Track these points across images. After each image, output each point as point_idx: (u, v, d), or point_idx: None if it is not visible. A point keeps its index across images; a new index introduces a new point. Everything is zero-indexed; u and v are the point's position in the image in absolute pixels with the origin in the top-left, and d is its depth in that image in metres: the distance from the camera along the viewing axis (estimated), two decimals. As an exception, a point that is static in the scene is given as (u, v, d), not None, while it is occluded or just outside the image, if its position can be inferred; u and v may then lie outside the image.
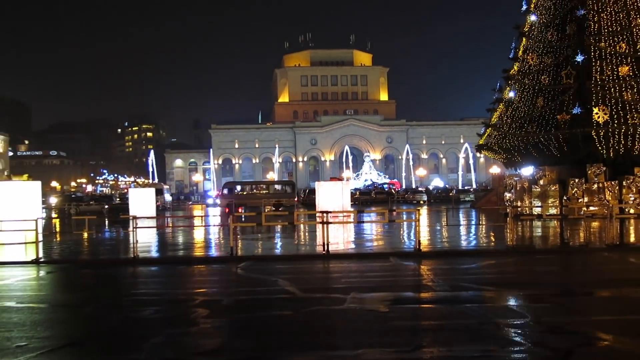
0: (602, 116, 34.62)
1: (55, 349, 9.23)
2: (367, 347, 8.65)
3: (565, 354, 8.43)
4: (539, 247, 22.12)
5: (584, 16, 36.75)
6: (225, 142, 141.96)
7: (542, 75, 38.08)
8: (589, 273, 16.62)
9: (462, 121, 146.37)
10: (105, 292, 14.96)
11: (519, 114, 38.72)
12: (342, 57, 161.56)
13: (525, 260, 18.98)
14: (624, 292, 13.27)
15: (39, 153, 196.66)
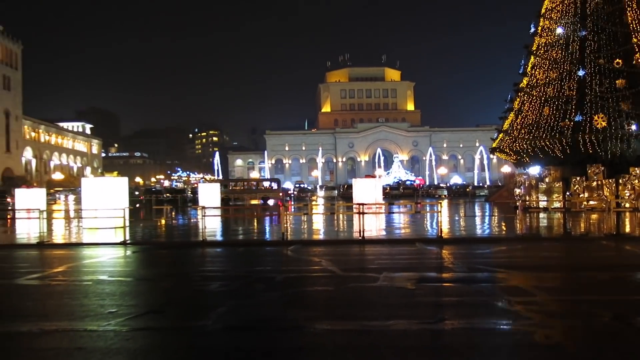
0: (600, 123, 33.83)
1: (139, 315, 9.39)
2: (397, 319, 8.57)
3: (569, 328, 8.22)
4: (545, 236, 21.58)
5: (585, 37, 36.03)
6: (277, 145, 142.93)
7: (547, 87, 37.40)
8: (588, 258, 16.14)
9: (477, 127, 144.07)
10: (179, 269, 15.17)
11: (527, 121, 38.07)
12: (375, 74, 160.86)
13: (533, 246, 18.57)
14: (620, 275, 12.87)
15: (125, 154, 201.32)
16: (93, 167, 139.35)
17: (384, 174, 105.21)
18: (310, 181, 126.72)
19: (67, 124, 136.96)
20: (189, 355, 7.28)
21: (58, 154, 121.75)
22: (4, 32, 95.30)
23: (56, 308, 10.09)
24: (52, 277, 13.40)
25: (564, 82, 36.23)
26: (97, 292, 11.40)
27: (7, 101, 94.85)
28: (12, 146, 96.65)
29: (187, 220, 33.54)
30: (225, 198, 52.56)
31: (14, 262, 16.58)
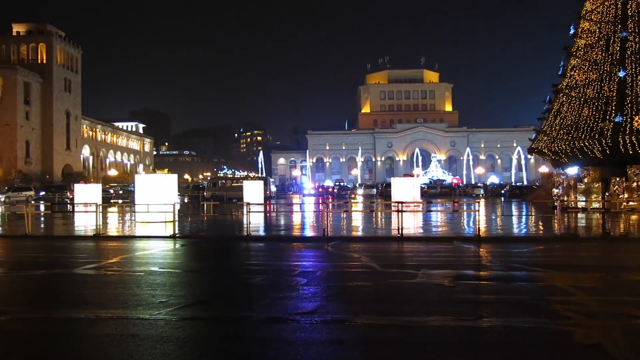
0: (640, 124, 32.57)
1: (187, 305, 9.53)
2: (435, 315, 8.43)
3: (609, 328, 7.90)
4: (583, 236, 20.88)
5: (625, 37, 34.71)
6: (318, 145, 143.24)
7: (587, 89, 36.15)
8: (628, 259, 15.52)
9: (515, 128, 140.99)
10: (225, 262, 15.35)
11: (566, 122, 36.90)
12: (413, 76, 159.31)
13: (571, 246, 17.99)
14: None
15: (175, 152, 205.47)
16: (145, 164, 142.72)
17: (421, 173, 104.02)
18: (349, 180, 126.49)
19: (121, 124, 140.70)
20: (234, 344, 7.34)
21: (113, 151, 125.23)
22: (65, 38, 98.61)
23: (111, 297, 10.35)
24: (107, 267, 13.76)
25: (604, 83, 34.98)
26: (148, 283, 11.63)
27: (68, 102, 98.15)
28: (72, 144, 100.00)
29: (232, 215, 33.92)
30: (212, 195, 52.11)
31: (72, 253, 17.13)
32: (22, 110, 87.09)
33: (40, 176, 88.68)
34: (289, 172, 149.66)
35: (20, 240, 20.47)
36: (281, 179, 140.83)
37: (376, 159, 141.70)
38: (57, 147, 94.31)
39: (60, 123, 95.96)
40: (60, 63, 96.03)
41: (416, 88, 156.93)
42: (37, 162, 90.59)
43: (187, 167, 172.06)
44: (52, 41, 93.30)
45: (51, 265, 14.08)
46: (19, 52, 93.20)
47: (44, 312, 9.05)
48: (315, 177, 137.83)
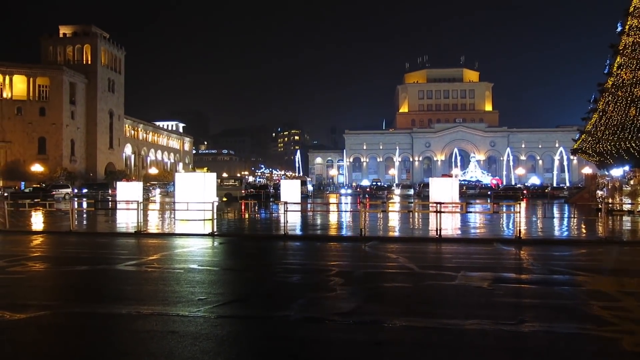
0: (691, 124, 31.25)
1: (226, 302, 9.65)
2: (475, 318, 8.27)
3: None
4: (628, 239, 20.14)
5: (676, 35, 33.34)
6: (355, 144, 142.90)
7: (635, 88, 34.93)
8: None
9: (557, 128, 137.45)
10: (262, 260, 15.43)
11: (612, 122, 35.74)
12: (453, 75, 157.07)
13: (616, 250, 17.36)
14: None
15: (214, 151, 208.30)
16: (185, 163, 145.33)
17: (460, 173, 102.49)
18: (386, 179, 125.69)
19: (162, 123, 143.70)
20: (272, 343, 7.38)
21: (154, 150, 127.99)
22: (109, 39, 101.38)
23: (151, 293, 10.56)
24: (148, 264, 14.05)
25: (653, 81, 33.76)
26: (187, 280, 11.81)
27: (111, 102, 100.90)
28: (114, 143, 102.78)
29: (270, 214, 34.11)
30: None
31: (114, 249, 17.56)
32: (68, 110, 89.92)
33: (85, 174, 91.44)
34: (326, 171, 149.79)
35: (64, 236, 21.11)
36: (318, 178, 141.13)
37: (414, 159, 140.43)
38: (100, 145, 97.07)
39: (104, 122, 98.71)
40: (105, 64, 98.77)
41: (455, 87, 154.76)
42: (81, 161, 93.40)
43: (225, 165, 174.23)
44: (97, 42, 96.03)
45: (94, 262, 14.47)
46: (65, 53, 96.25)
47: (86, 307, 9.32)
48: (352, 176, 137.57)
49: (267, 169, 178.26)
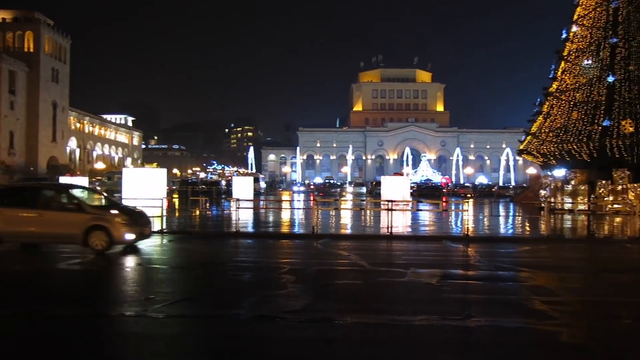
0: (628, 128, 33.00)
1: (175, 302, 9.48)
2: (424, 314, 8.46)
3: (594, 328, 8.01)
4: (569, 237, 21.08)
5: (615, 44, 35.08)
6: (309, 142, 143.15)
7: (577, 92, 36.57)
8: (612, 260, 15.71)
9: (504, 129, 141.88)
10: (213, 258, 15.23)
11: (556, 124, 37.29)
12: (406, 75, 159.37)
13: (557, 247, 18.16)
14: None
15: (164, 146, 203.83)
16: (133, 158, 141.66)
17: (411, 172, 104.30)
18: (339, 177, 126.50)
19: (110, 116, 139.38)
20: (222, 342, 7.32)
21: (101, 144, 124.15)
22: (54, 27, 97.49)
23: (95, 293, 10.28)
24: (93, 262, 13.65)
25: (594, 87, 35.37)
26: (134, 279, 11.57)
27: (55, 93, 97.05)
28: (58, 136, 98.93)
29: (221, 211, 33.78)
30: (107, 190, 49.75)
31: (57, 247, 16.93)
32: (7, 100, 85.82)
33: (24, 168, 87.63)
34: (280, 168, 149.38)
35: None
36: (271, 175, 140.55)
37: (367, 157, 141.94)
38: (42, 138, 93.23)
39: (47, 114, 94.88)
40: (48, 52, 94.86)
41: (408, 87, 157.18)
42: (21, 154, 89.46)
43: (176, 161, 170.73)
44: (40, 29, 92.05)
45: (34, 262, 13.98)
46: (4, 39, 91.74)
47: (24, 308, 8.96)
48: (305, 174, 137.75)
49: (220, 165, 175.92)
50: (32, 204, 15.00)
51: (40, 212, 14.52)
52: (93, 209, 14.99)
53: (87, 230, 14.12)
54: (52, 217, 14.49)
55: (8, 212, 14.60)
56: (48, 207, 14.84)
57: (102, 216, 14.57)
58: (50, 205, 15.06)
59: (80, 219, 14.24)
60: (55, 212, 14.75)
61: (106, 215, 14.65)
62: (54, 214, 14.62)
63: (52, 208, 14.91)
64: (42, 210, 14.56)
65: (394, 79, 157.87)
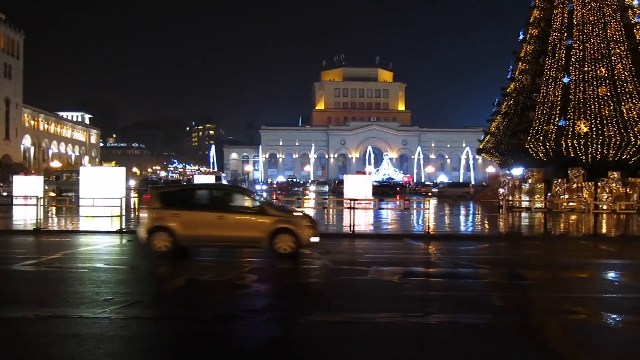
0: (583, 128, 34.00)
1: (134, 302, 9.29)
2: (386, 312, 8.55)
3: (549, 323, 8.23)
4: (527, 234, 21.66)
5: (570, 45, 36.14)
6: (271, 140, 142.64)
7: (534, 93, 37.55)
8: (568, 257, 16.20)
9: (464, 129, 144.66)
10: (174, 257, 14.96)
11: (513, 124, 38.20)
12: (368, 74, 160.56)
13: (515, 244, 18.64)
14: (596, 274, 12.93)
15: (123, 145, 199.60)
16: (91, 156, 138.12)
17: (373, 171, 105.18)
18: (302, 176, 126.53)
19: (66, 114, 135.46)
20: (182, 343, 7.20)
21: (57, 142, 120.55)
22: (6, 21, 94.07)
23: (52, 294, 9.97)
24: (48, 263, 13.25)
25: (550, 88, 36.33)
26: (92, 280, 11.27)
27: (7, 89, 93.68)
28: (11, 134, 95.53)
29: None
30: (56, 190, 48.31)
31: (10, 248, 16.37)
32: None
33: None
34: (242, 167, 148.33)
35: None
36: (233, 174, 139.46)
37: (329, 156, 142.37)
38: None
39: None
40: (0, 47, 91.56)
41: (370, 86, 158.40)
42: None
43: (135, 160, 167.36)
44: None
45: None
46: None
47: (-22, 310, 8.62)
48: (268, 172, 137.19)
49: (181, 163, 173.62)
50: (211, 206, 14.43)
51: (221, 214, 13.87)
52: (277, 212, 14.43)
53: (273, 233, 13.61)
54: (234, 220, 13.93)
55: (187, 215, 13.93)
56: (228, 210, 14.20)
57: (288, 219, 14.04)
58: (230, 208, 14.41)
59: (265, 222, 13.75)
60: (237, 215, 14.14)
61: (292, 218, 14.15)
62: (236, 217, 14.04)
63: (232, 211, 14.26)
64: (223, 213, 13.92)
65: (356, 78, 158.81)
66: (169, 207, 14.07)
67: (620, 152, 33.79)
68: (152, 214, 14.11)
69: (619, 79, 34.74)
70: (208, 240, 14.08)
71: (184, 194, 16.10)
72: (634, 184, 33.76)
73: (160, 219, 13.87)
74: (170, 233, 13.69)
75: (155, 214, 14.04)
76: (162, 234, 13.77)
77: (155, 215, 14.01)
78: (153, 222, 13.94)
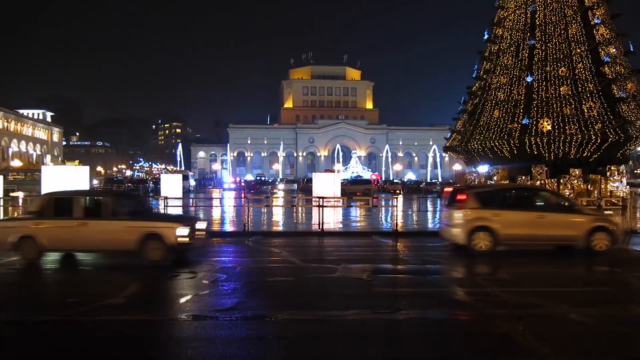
0: (545, 126, 34.79)
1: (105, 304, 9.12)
2: (355, 309, 8.60)
3: (516, 317, 8.42)
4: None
5: (533, 45, 36.93)
6: (240, 139, 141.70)
7: (498, 92, 38.23)
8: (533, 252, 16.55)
9: (432, 127, 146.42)
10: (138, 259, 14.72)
11: (479, 122, 38.81)
12: (336, 73, 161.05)
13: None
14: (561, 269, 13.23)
15: (87, 143, 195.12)
16: (53, 155, 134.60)
17: (342, 169, 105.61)
18: (271, 174, 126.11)
19: (26, 111, 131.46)
20: (150, 344, 7.12)
21: (17, 141, 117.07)
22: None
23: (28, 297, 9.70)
24: (10, 265, 12.89)
25: (514, 87, 37.10)
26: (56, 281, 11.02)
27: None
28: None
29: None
30: None
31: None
32: None
33: None
34: (209, 165, 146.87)
35: None
36: (201, 172, 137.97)
37: (298, 154, 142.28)
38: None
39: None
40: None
41: (338, 85, 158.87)
42: None
43: (100, 159, 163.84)
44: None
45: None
46: None
47: None
48: (236, 171, 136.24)
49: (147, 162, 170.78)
50: (528, 206, 14.59)
51: (541, 214, 14.02)
52: (592, 211, 14.55)
53: (590, 231, 13.73)
54: (554, 219, 14.00)
55: (507, 215, 13.98)
56: (546, 209, 14.38)
57: (604, 217, 14.13)
58: (546, 208, 14.61)
59: (582, 221, 13.86)
60: (557, 214, 14.25)
61: (607, 217, 14.22)
62: (556, 216, 14.15)
63: (551, 210, 14.42)
64: (543, 212, 14.09)
65: (324, 76, 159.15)
66: (488, 206, 14.18)
67: (582, 150, 34.70)
68: (472, 213, 14.09)
69: (580, 79, 35.67)
70: (525, 239, 14.26)
71: (500, 193, 15.95)
72: (594, 180, 34.75)
73: (482, 218, 13.94)
74: (492, 233, 13.83)
75: (476, 214, 14.05)
76: (483, 234, 13.87)
77: (476, 215, 14.03)
78: (474, 222, 13.99)
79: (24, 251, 12.74)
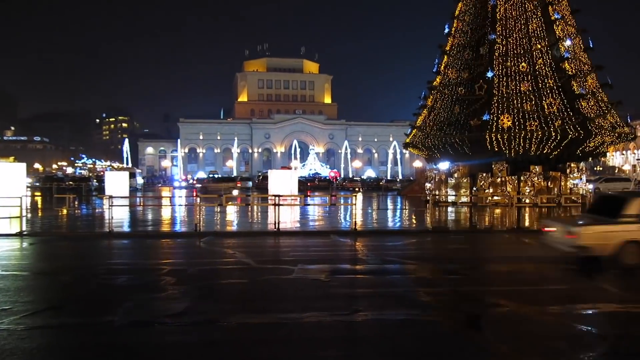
0: (506, 123, 35.62)
1: (37, 312, 8.82)
2: (312, 311, 8.62)
3: (475, 317, 8.60)
4: (453, 229, 22.50)
5: (494, 40, 37.68)
6: (191, 134, 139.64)
7: (459, 87, 38.91)
8: (492, 250, 17.03)
9: (392, 123, 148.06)
10: (83, 262, 14.37)
11: (439, 118, 39.44)
12: (293, 65, 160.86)
13: (441, 239, 19.30)
14: (520, 267, 13.63)
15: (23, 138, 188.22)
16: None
17: (299, 165, 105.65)
18: (224, 171, 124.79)
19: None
20: (93, 353, 6.93)
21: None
22: None
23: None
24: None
25: (474, 82, 37.83)
26: (-12, 287, 10.59)
27: None
28: None
29: (92, 210, 31.96)
30: None
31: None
32: None
33: None
34: (159, 162, 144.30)
35: None
36: (149, 170, 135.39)
37: (253, 150, 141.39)
38: None
39: None
40: None
41: (295, 78, 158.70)
42: None
43: (38, 155, 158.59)
44: None
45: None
46: None
47: None
48: (187, 168, 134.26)
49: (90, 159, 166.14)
50: None
51: None
52: None
53: None
54: None
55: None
56: None
57: None
58: None
59: None
60: None
61: None
62: None
63: None
64: None
65: (281, 68, 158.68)
66: None
67: (542, 147, 35.74)
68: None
69: (540, 74, 36.70)
70: None
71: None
72: (554, 177, 35.89)
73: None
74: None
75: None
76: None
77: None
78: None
79: None
